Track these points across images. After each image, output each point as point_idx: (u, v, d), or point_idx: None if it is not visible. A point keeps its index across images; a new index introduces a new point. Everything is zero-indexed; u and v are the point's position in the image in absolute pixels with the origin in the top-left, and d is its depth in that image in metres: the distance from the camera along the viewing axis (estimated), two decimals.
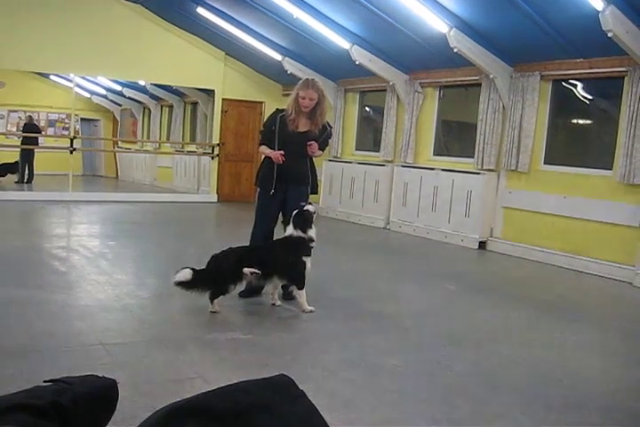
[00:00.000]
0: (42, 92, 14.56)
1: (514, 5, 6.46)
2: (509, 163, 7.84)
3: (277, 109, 4.97)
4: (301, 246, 4.45)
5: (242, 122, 12.64)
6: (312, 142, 4.73)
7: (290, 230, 4.50)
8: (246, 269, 4.23)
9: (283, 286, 4.74)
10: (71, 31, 10.74)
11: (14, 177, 13.81)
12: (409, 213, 9.23)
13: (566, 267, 7.00)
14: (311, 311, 4.48)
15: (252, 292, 4.74)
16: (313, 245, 4.51)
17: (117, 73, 11.88)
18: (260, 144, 5.01)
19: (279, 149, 4.75)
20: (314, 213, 4.57)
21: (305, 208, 4.55)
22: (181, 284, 4.23)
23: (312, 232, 4.50)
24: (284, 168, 4.76)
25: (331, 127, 5.03)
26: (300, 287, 4.47)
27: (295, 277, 4.44)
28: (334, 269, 6.30)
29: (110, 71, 11.68)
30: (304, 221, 4.49)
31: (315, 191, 5.05)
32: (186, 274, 4.22)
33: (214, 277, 4.27)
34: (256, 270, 4.25)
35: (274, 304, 4.66)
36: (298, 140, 4.75)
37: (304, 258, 4.44)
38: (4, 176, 13.75)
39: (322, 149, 4.90)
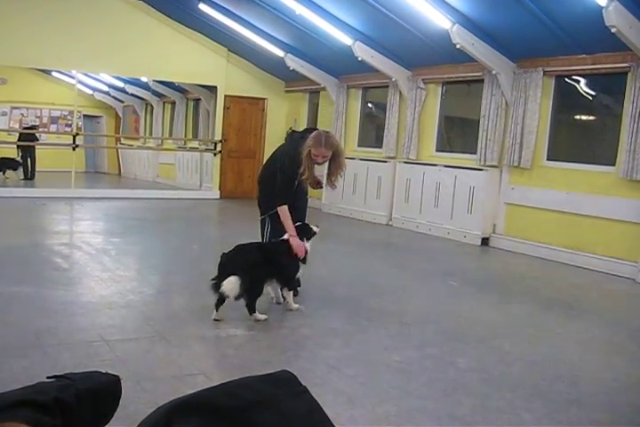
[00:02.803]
0: (44, 88, 14.56)
1: (517, 1, 6.43)
2: (512, 159, 7.83)
3: (297, 153, 4.50)
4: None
5: (244, 118, 12.64)
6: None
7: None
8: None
9: None
10: (73, 28, 10.72)
11: (15, 174, 13.81)
12: (411, 209, 9.22)
13: (569, 263, 6.99)
14: (297, 309, 4.51)
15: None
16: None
17: (119, 70, 11.87)
18: (281, 201, 4.54)
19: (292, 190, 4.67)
20: (315, 233, 4.68)
21: (311, 227, 4.63)
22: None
23: (309, 244, 4.58)
24: (296, 207, 4.72)
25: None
26: (291, 288, 4.53)
27: (288, 279, 4.49)
28: (337, 265, 6.31)
29: (112, 68, 11.67)
30: (307, 233, 4.58)
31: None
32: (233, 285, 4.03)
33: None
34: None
35: (278, 303, 4.67)
36: (302, 188, 4.76)
37: (300, 263, 4.50)
38: (3, 172, 13.72)
39: None
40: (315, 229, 4.67)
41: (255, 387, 1.69)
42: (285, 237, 4.49)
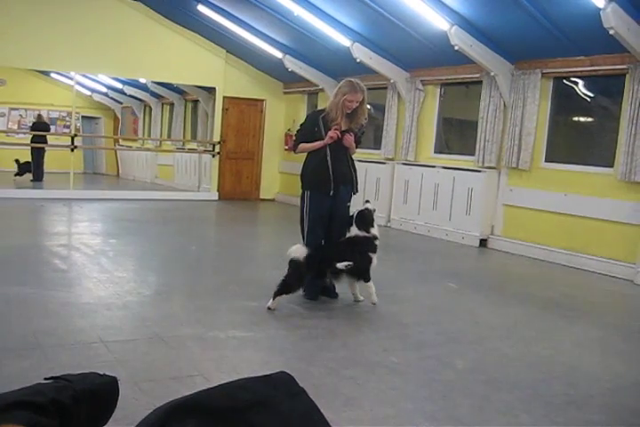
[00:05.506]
0: (43, 89, 14.55)
1: (515, 3, 6.44)
2: (510, 160, 7.84)
3: (315, 111, 5.00)
4: (367, 244, 4.65)
5: (243, 119, 12.65)
6: (347, 135, 4.69)
7: (354, 231, 4.67)
8: (340, 264, 4.45)
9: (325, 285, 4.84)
10: (72, 29, 10.73)
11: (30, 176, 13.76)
12: (410, 210, 9.22)
13: (567, 265, 7.00)
14: (374, 304, 4.72)
15: (325, 291, 4.84)
16: (377, 242, 4.70)
17: (118, 71, 11.87)
18: (298, 144, 4.90)
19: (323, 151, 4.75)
20: (373, 210, 4.77)
21: (365, 207, 4.73)
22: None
23: (375, 230, 4.70)
24: (334, 170, 4.75)
25: (365, 122, 5.00)
26: (367, 280, 4.67)
27: (362, 271, 4.63)
28: None
29: (111, 69, 11.66)
30: (365, 221, 4.67)
31: (356, 190, 5.05)
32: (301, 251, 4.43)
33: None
34: (350, 263, 4.47)
35: (357, 301, 4.81)
36: (338, 141, 4.71)
37: (370, 254, 4.64)
38: (22, 175, 13.67)
39: (356, 144, 4.91)
40: (369, 206, 4.75)
41: (253, 388, 1.69)
42: (352, 233, 4.63)
